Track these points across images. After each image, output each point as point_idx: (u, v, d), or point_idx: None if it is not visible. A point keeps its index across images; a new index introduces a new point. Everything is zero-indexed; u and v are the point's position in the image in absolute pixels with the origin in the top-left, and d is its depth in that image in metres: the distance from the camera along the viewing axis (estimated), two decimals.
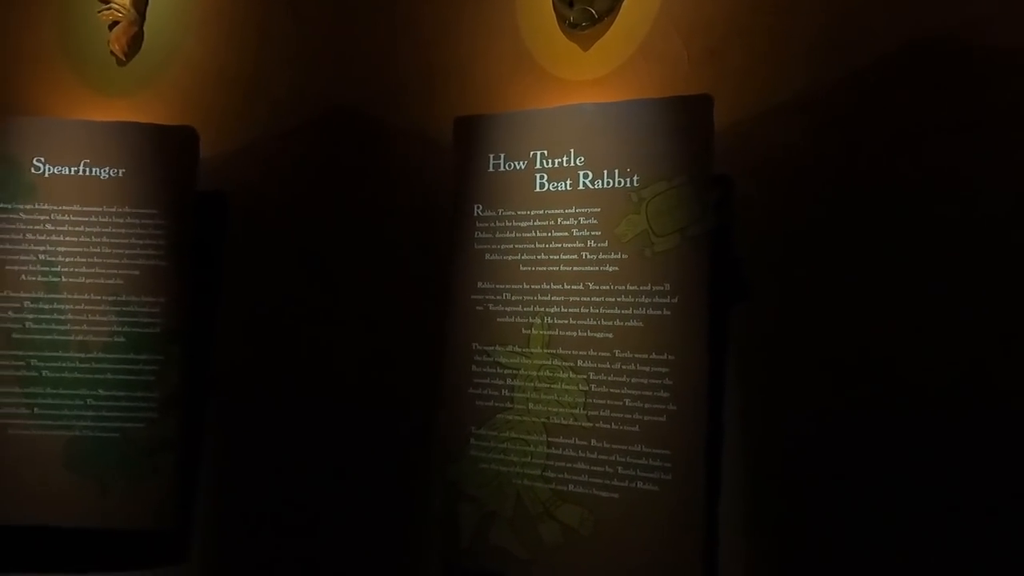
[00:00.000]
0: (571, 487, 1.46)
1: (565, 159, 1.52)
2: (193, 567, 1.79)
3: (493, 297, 1.57)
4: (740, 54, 1.46)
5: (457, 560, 1.57)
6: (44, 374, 1.77)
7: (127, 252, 1.78)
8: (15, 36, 1.95)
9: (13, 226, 1.79)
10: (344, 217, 1.81)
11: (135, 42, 1.93)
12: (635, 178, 1.45)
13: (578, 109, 1.53)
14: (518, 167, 1.56)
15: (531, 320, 1.52)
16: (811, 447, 1.35)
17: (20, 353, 1.77)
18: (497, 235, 1.57)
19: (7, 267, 1.78)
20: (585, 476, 1.45)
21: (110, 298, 1.77)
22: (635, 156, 1.45)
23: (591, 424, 1.45)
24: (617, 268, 1.45)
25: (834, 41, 1.39)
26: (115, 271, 1.78)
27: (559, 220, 1.51)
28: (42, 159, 1.80)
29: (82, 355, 1.77)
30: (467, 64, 1.73)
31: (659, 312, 1.40)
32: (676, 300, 1.39)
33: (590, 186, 1.49)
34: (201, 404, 1.82)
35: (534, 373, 1.51)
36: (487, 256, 1.58)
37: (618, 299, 1.45)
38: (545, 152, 1.54)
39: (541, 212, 1.53)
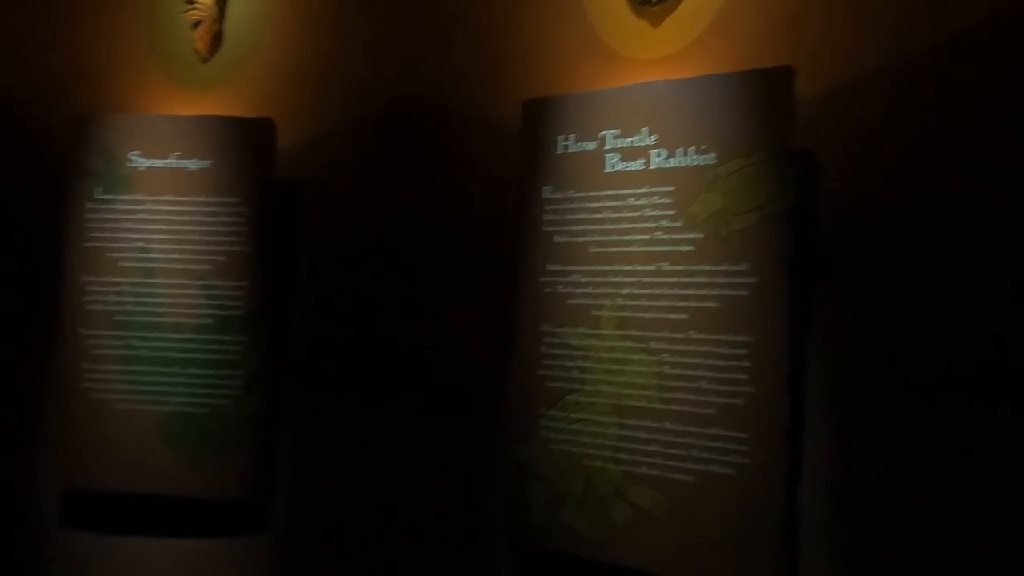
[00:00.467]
0: (643, 469, 1.40)
1: (637, 138, 1.43)
2: (274, 536, 1.82)
3: (562, 279, 1.51)
4: (821, 21, 1.34)
5: (526, 539, 1.54)
6: (143, 353, 1.83)
7: (213, 239, 1.82)
8: (109, 39, 2.01)
9: (113, 216, 1.85)
10: (413, 203, 1.79)
11: (217, 40, 1.96)
12: (711, 156, 1.35)
13: (651, 87, 1.44)
14: (588, 148, 1.49)
15: (602, 302, 1.46)
16: (900, 434, 1.24)
17: (122, 333, 1.84)
18: (566, 217, 1.51)
19: (108, 254, 1.85)
20: (658, 458, 1.38)
21: (199, 282, 1.82)
22: (711, 133, 1.35)
23: (664, 406, 1.38)
24: (692, 248, 1.36)
25: (926, 1, 1.26)
26: (203, 257, 1.82)
27: (631, 200, 1.44)
28: (137, 153, 1.86)
29: (176, 335, 1.82)
30: (533, 48, 1.67)
31: (737, 292, 1.31)
32: (755, 280, 1.29)
33: (663, 165, 1.41)
34: (281, 382, 1.84)
35: (605, 355, 1.45)
36: (556, 238, 1.52)
37: (693, 279, 1.36)
38: (616, 132, 1.46)
39: (612, 192, 1.46)
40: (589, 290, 1.48)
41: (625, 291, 1.43)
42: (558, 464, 1.49)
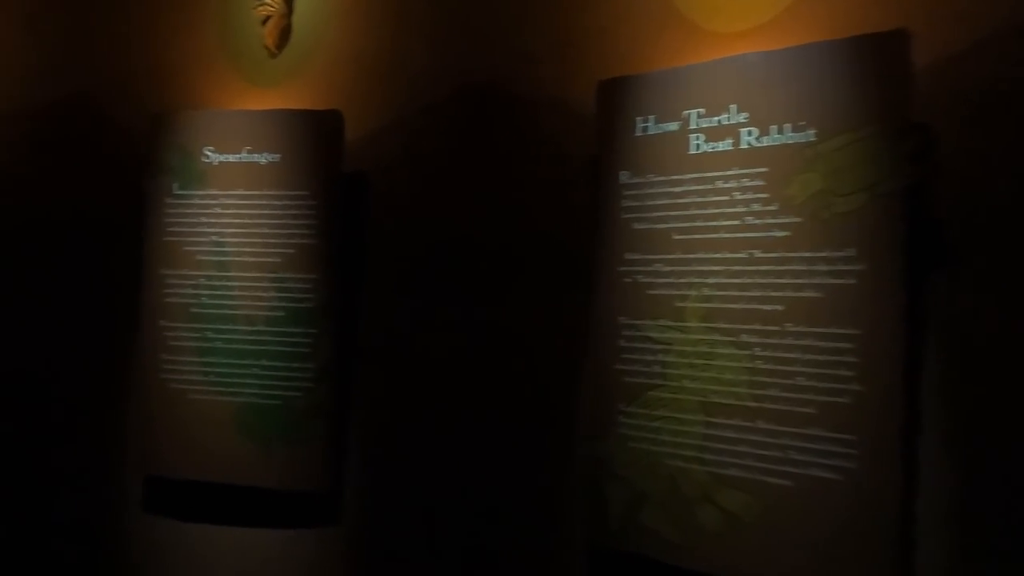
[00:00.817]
0: (733, 471, 1.27)
1: (724, 116, 1.30)
2: (344, 529, 1.78)
3: (642, 268, 1.40)
4: None
5: (604, 541, 1.44)
6: (217, 345, 1.82)
7: (283, 232, 1.78)
8: (182, 39, 2.01)
9: (189, 211, 1.85)
10: (483, 192, 1.70)
11: (285, 35, 1.92)
12: (810, 132, 1.21)
13: (740, 61, 1.31)
14: (670, 129, 1.37)
15: (686, 292, 1.34)
16: None
17: (197, 325, 1.83)
18: (646, 203, 1.40)
19: (185, 248, 1.85)
20: (750, 460, 1.25)
21: (270, 275, 1.79)
22: (811, 107, 1.21)
23: (756, 404, 1.25)
24: (788, 233, 1.23)
25: None
26: (274, 250, 1.79)
27: (718, 183, 1.31)
28: (211, 148, 1.85)
29: (248, 328, 1.80)
30: (608, 25, 1.55)
31: (841, 281, 1.17)
32: (863, 267, 1.15)
33: (755, 144, 1.27)
34: (351, 375, 1.80)
35: (689, 348, 1.33)
36: (635, 225, 1.41)
37: (789, 267, 1.23)
38: (701, 110, 1.34)
39: (697, 175, 1.34)
40: (672, 280, 1.36)
41: (712, 281, 1.31)
42: (638, 463, 1.38)
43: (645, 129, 1.41)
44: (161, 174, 1.87)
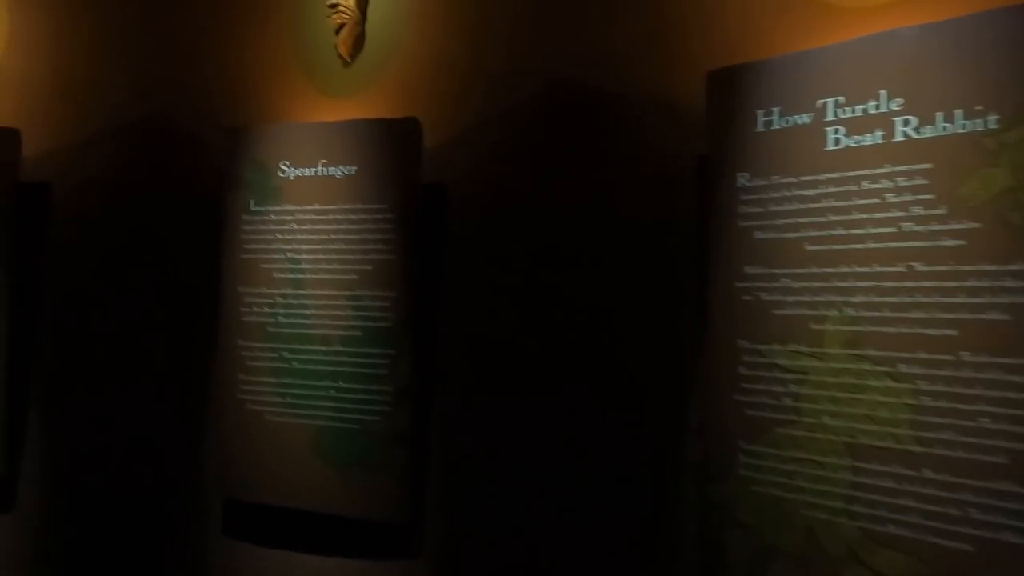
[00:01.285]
0: (891, 528, 1.03)
1: (872, 104, 1.07)
2: (426, 561, 1.63)
3: (767, 284, 1.18)
4: None
5: None
6: (294, 365, 1.71)
7: (360, 248, 1.66)
8: (255, 51, 1.93)
9: (266, 227, 1.75)
10: (573, 199, 1.52)
11: (359, 43, 1.81)
12: (990, 119, 0.97)
13: (889, 37, 1.08)
14: (800, 122, 1.15)
15: (824, 312, 1.11)
16: None
17: (274, 345, 1.73)
18: (771, 208, 1.18)
19: (262, 265, 1.76)
20: (914, 516, 1.01)
21: (346, 293, 1.66)
22: (989, 89, 0.97)
23: (923, 449, 1.01)
24: (963, 241, 0.98)
25: None
26: (350, 267, 1.67)
27: (864, 183, 1.08)
28: (287, 162, 1.75)
29: (324, 348, 1.68)
30: (712, 11, 1.35)
31: None
32: None
33: (913, 135, 1.04)
34: (431, 397, 1.65)
35: (830, 379, 1.10)
36: (757, 235, 1.19)
37: (964, 283, 0.98)
38: (841, 99, 1.11)
39: (836, 175, 1.11)
40: (805, 298, 1.13)
41: (858, 299, 1.08)
42: (765, 511, 1.16)
43: (768, 124, 1.19)
44: (238, 190, 1.79)
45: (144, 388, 1.92)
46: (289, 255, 1.74)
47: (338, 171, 1.70)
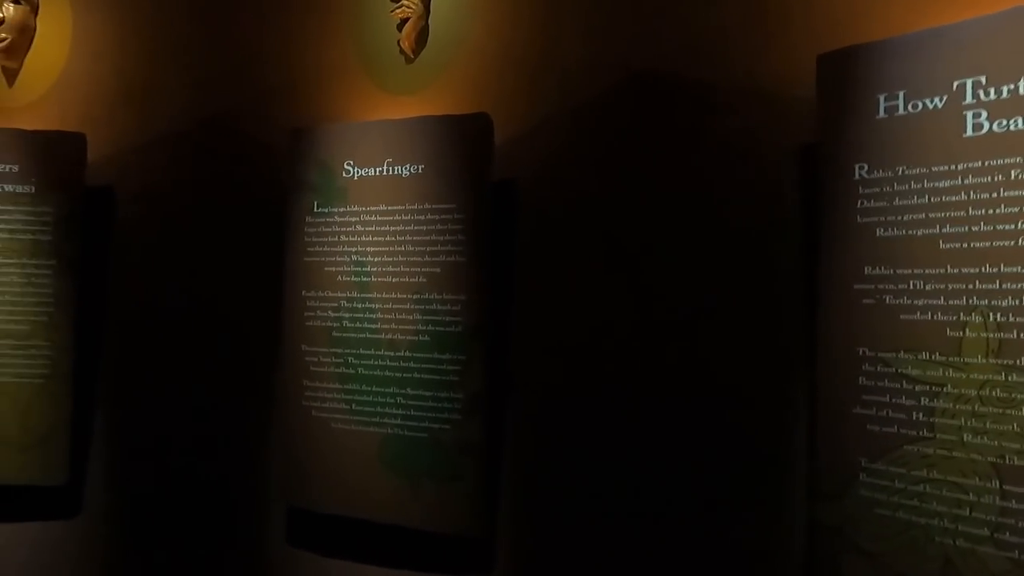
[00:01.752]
0: None
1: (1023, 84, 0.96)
2: None
3: (891, 286, 1.07)
4: None
5: None
6: (360, 371, 1.66)
7: (428, 250, 1.60)
8: (315, 50, 1.88)
9: (330, 229, 1.70)
10: (656, 196, 1.43)
11: (422, 38, 1.76)
12: None
13: None
14: (931, 106, 1.04)
15: (962, 317, 1.00)
16: None
17: (339, 351, 1.68)
18: (896, 202, 1.07)
19: (326, 268, 1.71)
20: None
21: (414, 296, 1.60)
22: None
23: None
24: None
25: None
26: (418, 269, 1.61)
27: (1014, 174, 0.97)
28: (351, 162, 1.70)
29: (392, 353, 1.63)
30: None
31: None
32: None
33: None
34: (502, 405, 1.58)
35: (972, 392, 0.99)
36: (879, 232, 1.08)
37: None
38: (980, 79, 0.99)
39: (977, 164, 0.99)
40: (939, 301, 1.02)
41: (1006, 303, 0.96)
42: (891, 536, 1.05)
43: (892, 110, 1.08)
44: (301, 191, 1.75)
45: (207, 394, 1.90)
46: (354, 258, 1.68)
47: (405, 170, 1.64)
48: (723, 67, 1.37)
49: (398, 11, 1.74)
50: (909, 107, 1.06)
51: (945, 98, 1.03)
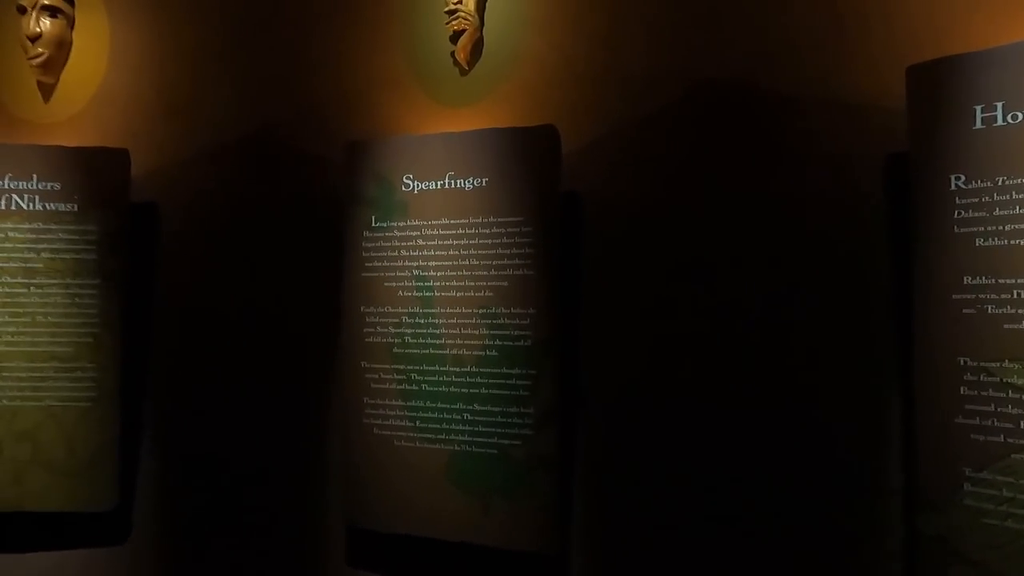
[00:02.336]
0: None
1: None
2: None
3: (993, 296, 1.08)
4: None
5: None
6: (424, 388, 1.64)
7: (495, 263, 1.58)
8: (366, 60, 1.86)
9: (389, 243, 1.68)
10: (727, 207, 1.43)
11: (477, 49, 1.75)
12: None
13: None
14: None
15: None
16: None
17: (401, 367, 1.66)
18: (996, 212, 1.08)
19: (386, 283, 1.69)
20: None
21: (480, 311, 1.59)
22: None
23: None
24: None
25: None
26: (484, 283, 1.59)
27: None
28: (410, 176, 1.68)
29: (457, 369, 1.61)
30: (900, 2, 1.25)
31: None
32: None
33: None
34: (573, 419, 1.57)
35: None
36: (979, 241, 1.09)
37: None
38: None
39: None
40: None
41: None
42: (1000, 545, 1.06)
43: (989, 120, 1.09)
44: (358, 205, 1.72)
45: (260, 413, 1.86)
46: (416, 272, 1.67)
47: (467, 183, 1.62)
48: (798, 77, 1.37)
49: (454, 23, 1.73)
50: (1008, 118, 1.07)
51: None
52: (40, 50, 1.96)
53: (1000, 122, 1.09)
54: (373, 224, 1.71)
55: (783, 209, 1.38)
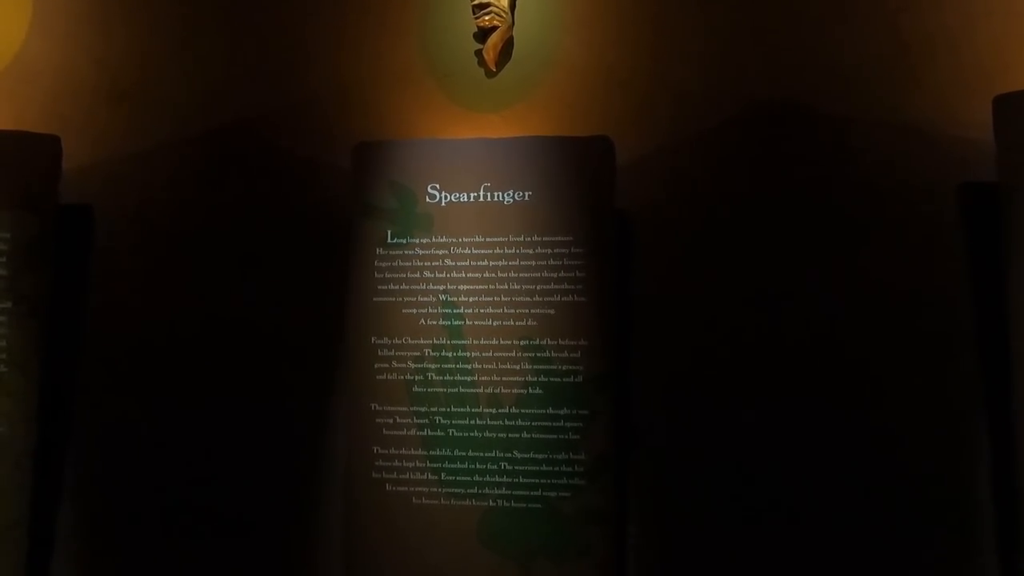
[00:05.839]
0: None
1: None
2: None
3: None
4: None
5: None
6: (451, 433, 1.39)
7: (539, 288, 1.39)
8: (377, 52, 1.59)
9: (410, 263, 1.43)
10: (786, 232, 1.35)
11: (507, 50, 1.57)
12: None
13: None
14: None
15: None
16: None
17: (423, 410, 1.40)
18: None
19: (404, 310, 1.43)
20: None
21: (522, 343, 1.38)
22: None
23: None
24: None
25: None
26: (526, 310, 1.39)
27: None
28: (436, 186, 1.45)
29: (492, 411, 1.38)
30: (973, 29, 1.25)
31: None
32: None
33: None
34: (626, 468, 1.39)
35: None
36: None
37: None
38: None
39: None
40: None
41: None
42: None
43: None
44: (370, 218, 1.45)
45: (236, 475, 1.48)
46: (443, 296, 1.42)
47: (507, 196, 1.42)
48: (862, 101, 1.34)
49: (484, 18, 1.54)
50: None
51: None
52: None
53: None
54: (389, 240, 1.45)
55: (848, 236, 1.32)
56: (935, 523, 1.21)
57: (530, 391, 1.37)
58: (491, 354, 1.40)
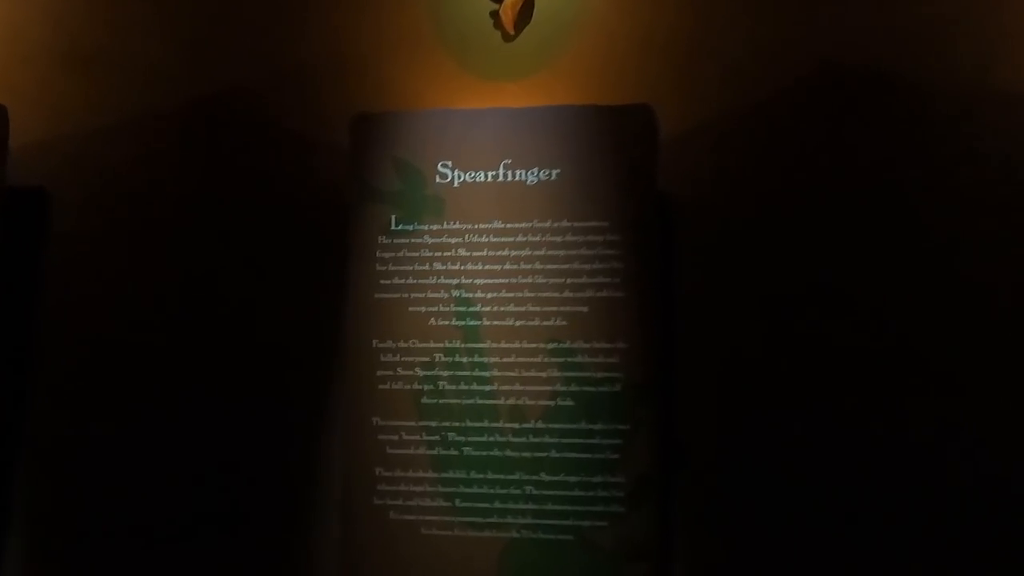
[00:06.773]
0: None
1: None
2: None
3: None
4: None
5: None
6: (466, 452, 1.19)
7: (570, 282, 1.19)
8: (378, 15, 1.37)
9: (417, 253, 1.23)
10: (855, 213, 1.17)
11: (527, 11, 1.37)
12: None
13: None
14: None
15: None
16: None
17: (432, 425, 1.20)
18: None
19: (411, 307, 1.22)
20: None
21: (550, 346, 1.18)
22: None
23: None
24: None
25: None
26: (555, 308, 1.19)
27: None
28: (448, 163, 1.25)
29: (516, 426, 1.18)
30: None
31: None
32: None
33: None
34: (671, 492, 1.20)
35: None
36: None
37: None
38: None
39: None
40: None
41: None
42: None
43: None
44: (371, 201, 1.25)
45: (224, 490, 1.27)
46: (456, 293, 1.22)
47: (531, 175, 1.22)
48: (944, 66, 1.16)
49: None
50: None
51: None
52: None
53: None
54: (393, 227, 1.25)
55: (931, 216, 1.14)
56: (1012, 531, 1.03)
57: (559, 402, 1.17)
58: (513, 359, 1.19)
